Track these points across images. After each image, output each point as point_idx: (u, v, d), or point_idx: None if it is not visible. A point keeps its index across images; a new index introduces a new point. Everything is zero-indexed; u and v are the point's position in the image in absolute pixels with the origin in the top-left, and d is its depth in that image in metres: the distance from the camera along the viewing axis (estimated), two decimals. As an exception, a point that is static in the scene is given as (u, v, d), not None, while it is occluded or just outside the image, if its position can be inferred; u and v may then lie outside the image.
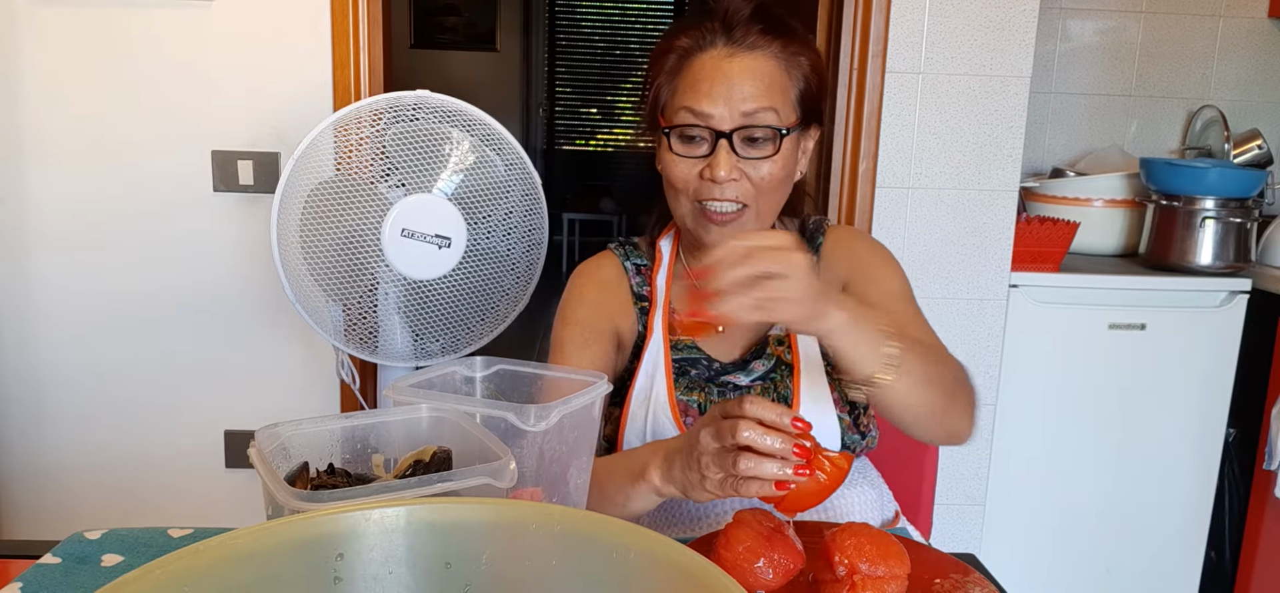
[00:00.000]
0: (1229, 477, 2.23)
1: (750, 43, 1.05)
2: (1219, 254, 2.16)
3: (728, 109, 1.04)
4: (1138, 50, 2.55)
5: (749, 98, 1.04)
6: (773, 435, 0.79)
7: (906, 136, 2.06)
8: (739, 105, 1.04)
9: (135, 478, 2.14)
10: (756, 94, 1.04)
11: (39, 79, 1.96)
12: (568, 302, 1.20)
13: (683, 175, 1.07)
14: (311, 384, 2.12)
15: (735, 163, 1.05)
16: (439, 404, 0.80)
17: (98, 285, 2.05)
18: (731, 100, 1.04)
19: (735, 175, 1.05)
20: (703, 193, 1.07)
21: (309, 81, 1.98)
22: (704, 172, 1.06)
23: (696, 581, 0.46)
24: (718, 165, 1.04)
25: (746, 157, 1.05)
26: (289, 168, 1.51)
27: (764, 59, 1.06)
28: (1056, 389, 2.18)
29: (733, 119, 1.04)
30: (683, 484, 0.89)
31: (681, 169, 1.07)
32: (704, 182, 1.06)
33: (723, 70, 1.04)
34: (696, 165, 1.06)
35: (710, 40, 1.06)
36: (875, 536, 0.79)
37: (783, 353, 1.16)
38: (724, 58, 1.05)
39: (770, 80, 1.05)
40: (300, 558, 0.51)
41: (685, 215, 1.11)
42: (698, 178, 1.06)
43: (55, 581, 0.84)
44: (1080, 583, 2.27)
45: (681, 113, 1.06)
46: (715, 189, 1.06)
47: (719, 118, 1.04)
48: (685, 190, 1.08)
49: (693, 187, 1.07)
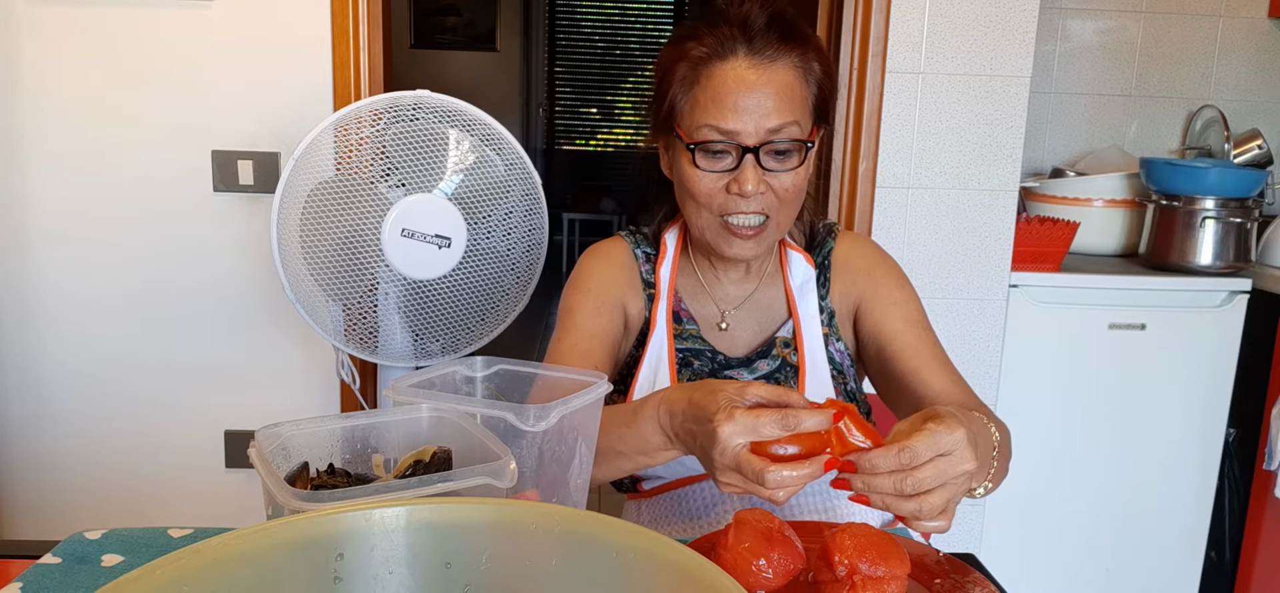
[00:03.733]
0: (1229, 477, 2.23)
1: (770, 54, 1.04)
2: (1219, 254, 2.16)
3: (754, 124, 1.03)
4: (1138, 50, 2.55)
5: (773, 113, 1.03)
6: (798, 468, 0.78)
7: (906, 136, 2.06)
8: (764, 121, 1.03)
9: (135, 478, 2.14)
10: (780, 109, 1.03)
11: (39, 79, 1.96)
12: (579, 274, 1.20)
13: (707, 190, 1.06)
14: (311, 384, 2.12)
15: (761, 176, 1.04)
16: (439, 404, 0.80)
17: (98, 285, 2.05)
18: (756, 115, 1.03)
19: (762, 188, 1.04)
20: (728, 207, 1.06)
21: (309, 81, 1.98)
22: (730, 186, 1.05)
23: (696, 581, 0.46)
24: (745, 181, 1.03)
25: (770, 169, 1.05)
26: (289, 168, 1.51)
27: (784, 70, 1.04)
28: (1056, 389, 2.17)
29: (758, 135, 1.03)
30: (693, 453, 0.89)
31: (706, 183, 1.06)
32: (730, 196, 1.05)
33: (747, 83, 1.03)
34: (721, 180, 1.06)
35: (729, 49, 1.04)
36: (875, 536, 0.79)
37: (788, 355, 1.16)
38: (747, 70, 1.04)
39: (792, 93, 1.05)
40: (300, 558, 0.50)
41: (705, 227, 1.10)
42: (723, 193, 1.06)
43: (55, 581, 0.84)
44: (1080, 583, 2.27)
45: (705, 130, 1.04)
46: (742, 204, 1.05)
47: (745, 135, 1.03)
48: (708, 205, 1.08)
49: (718, 201, 1.07)
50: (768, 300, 1.20)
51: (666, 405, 0.91)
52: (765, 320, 1.19)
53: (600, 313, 1.15)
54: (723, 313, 1.19)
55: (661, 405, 0.91)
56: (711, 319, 1.20)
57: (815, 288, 1.18)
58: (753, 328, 1.19)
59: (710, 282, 1.20)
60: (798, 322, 1.17)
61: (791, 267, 1.19)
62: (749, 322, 1.19)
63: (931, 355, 1.12)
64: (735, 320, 1.19)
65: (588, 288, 1.17)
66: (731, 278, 1.19)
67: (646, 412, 0.93)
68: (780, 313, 1.19)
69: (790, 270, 1.19)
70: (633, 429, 0.94)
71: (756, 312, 1.19)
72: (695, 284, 1.21)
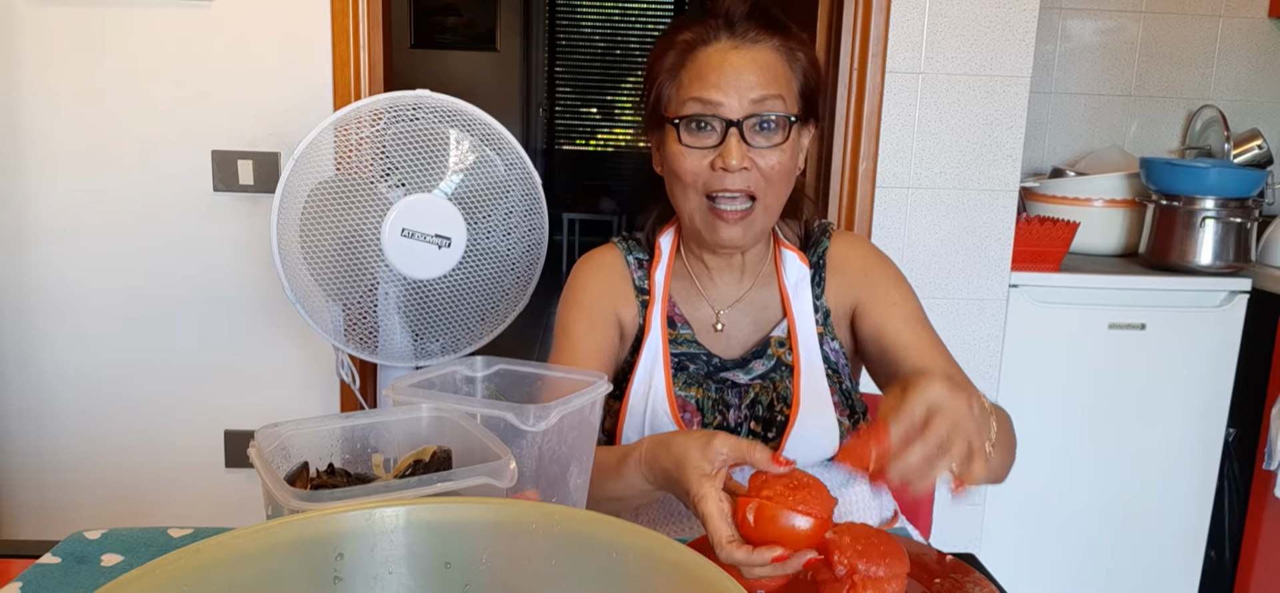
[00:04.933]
0: (1229, 477, 2.23)
1: (752, 37, 1.07)
2: (1219, 254, 2.16)
3: (737, 98, 1.05)
4: (1138, 50, 2.55)
5: (756, 86, 1.05)
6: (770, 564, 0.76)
7: (906, 136, 2.06)
8: (747, 93, 1.05)
9: (135, 478, 2.14)
10: (763, 83, 1.05)
11: (39, 79, 1.96)
12: (573, 288, 1.21)
13: (692, 167, 1.07)
14: (311, 384, 2.12)
15: (745, 152, 1.05)
16: (439, 404, 0.80)
17: (98, 285, 2.05)
18: (740, 89, 1.05)
19: (746, 164, 1.05)
20: (713, 184, 1.07)
21: (309, 81, 1.98)
22: (715, 162, 1.06)
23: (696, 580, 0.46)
24: (729, 153, 1.04)
25: (755, 145, 1.06)
26: (289, 168, 1.51)
27: (766, 51, 1.07)
28: (1056, 389, 2.17)
29: (742, 107, 1.05)
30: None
31: (690, 161, 1.07)
32: (715, 172, 1.06)
33: (729, 61, 1.06)
34: (706, 156, 1.07)
35: (713, 35, 1.08)
36: (875, 536, 0.79)
37: (783, 354, 1.16)
38: (729, 50, 1.07)
39: (775, 71, 1.07)
40: (300, 558, 0.51)
41: (694, 212, 1.11)
42: (708, 169, 1.07)
43: (55, 581, 0.84)
44: (1080, 583, 2.27)
45: (689, 103, 1.07)
46: (726, 179, 1.06)
47: (728, 107, 1.05)
48: (694, 184, 1.08)
49: (703, 179, 1.07)
50: (763, 300, 1.20)
51: (646, 464, 0.93)
52: (761, 320, 1.19)
53: (594, 329, 1.16)
54: (718, 313, 1.19)
55: (641, 464, 0.94)
56: (706, 321, 1.20)
57: (810, 287, 1.19)
58: (748, 328, 1.19)
59: (705, 283, 1.20)
60: (792, 321, 1.17)
61: (786, 266, 1.19)
62: (744, 321, 1.19)
63: (933, 353, 1.13)
64: (730, 320, 1.19)
65: (580, 304, 1.19)
66: (726, 278, 1.20)
67: (629, 469, 0.95)
68: (775, 312, 1.19)
69: (785, 270, 1.19)
70: (622, 481, 0.96)
71: (751, 311, 1.20)
72: (690, 287, 1.21)
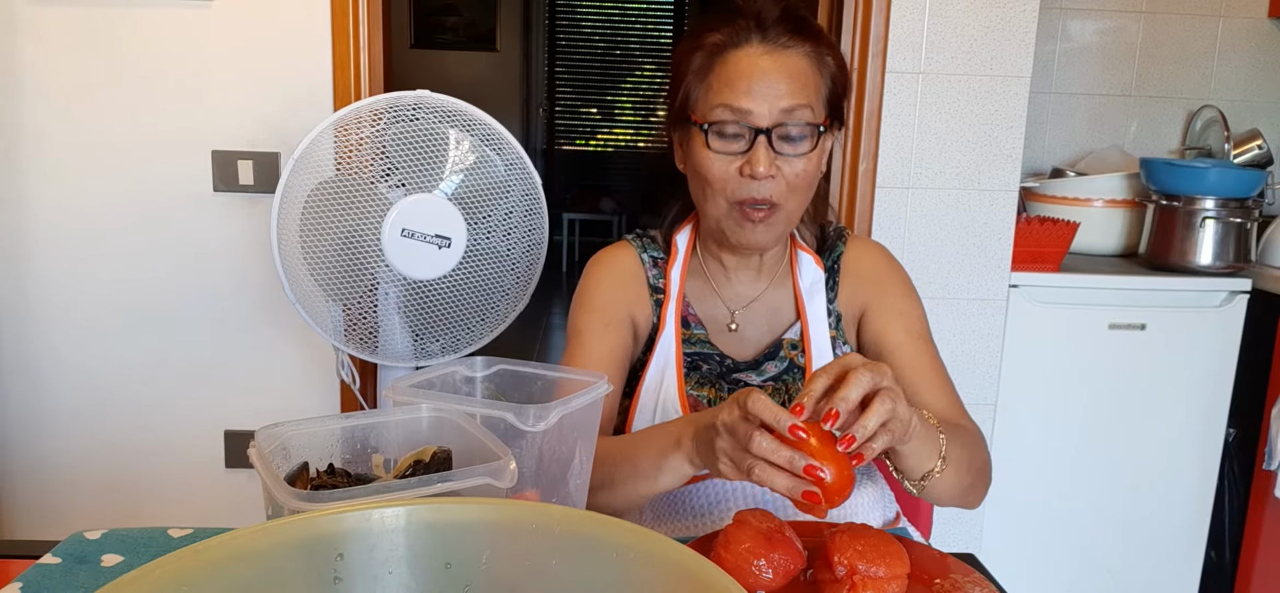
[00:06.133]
0: (1229, 477, 2.23)
1: (784, 42, 1.06)
2: (1219, 254, 2.16)
3: (767, 106, 1.05)
4: (1138, 50, 2.55)
5: (786, 95, 1.05)
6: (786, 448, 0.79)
7: (906, 136, 2.06)
8: (777, 102, 1.05)
9: (135, 478, 2.14)
10: (793, 91, 1.05)
11: (39, 79, 1.96)
12: (585, 289, 1.21)
13: (720, 173, 1.07)
14: (311, 384, 2.12)
15: (773, 159, 1.05)
16: (439, 404, 0.80)
17: (98, 285, 2.05)
18: (769, 97, 1.05)
19: (773, 172, 1.06)
20: (740, 190, 1.07)
21: (309, 81, 1.98)
22: (743, 168, 1.06)
23: (696, 580, 0.46)
24: (757, 161, 1.04)
25: (783, 154, 1.06)
26: (289, 168, 1.51)
27: (797, 57, 1.07)
28: (1056, 389, 2.17)
29: (771, 116, 1.05)
30: (708, 464, 0.90)
31: (719, 166, 1.07)
32: (743, 178, 1.06)
33: (760, 68, 1.05)
34: (734, 162, 1.07)
35: (743, 38, 1.07)
36: (875, 536, 0.79)
37: (795, 356, 1.16)
38: (761, 56, 1.06)
39: (805, 79, 1.07)
40: (300, 558, 0.51)
41: (720, 214, 1.11)
42: (737, 175, 1.07)
43: (55, 581, 0.84)
44: (1080, 583, 2.27)
45: (719, 110, 1.06)
46: (754, 187, 1.06)
47: (758, 115, 1.05)
48: (722, 189, 1.08)
49: (731, 184, 1.08)
50: (777, 301, 1.20)
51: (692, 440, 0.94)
52: (774, 322, 1.19)
53: (607, 331, 1.16)
54: (732, 313, 1.19)
55: (682, 445, 0.95)
56: (720, 321, 1.20)
57: (824, 290, 1.19)
58: (762, 329, 1.19)
59: (720, 282, 1.20)
60: (806, 324, 1.17)
61: (801, 268, 1.19)
62: (758, 322, 1.19)
63: (929, 369, 1.13)
64: (745, 321, 1.19)
65: (593, 306, 1.18)
66: (742, 277, 1.20)
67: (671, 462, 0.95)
68: (789, 314, 1.19)
69: (800, 272, 1.19)
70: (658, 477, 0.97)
71: (766, 312, 1.20)
72: (704, 286, 1.21)
